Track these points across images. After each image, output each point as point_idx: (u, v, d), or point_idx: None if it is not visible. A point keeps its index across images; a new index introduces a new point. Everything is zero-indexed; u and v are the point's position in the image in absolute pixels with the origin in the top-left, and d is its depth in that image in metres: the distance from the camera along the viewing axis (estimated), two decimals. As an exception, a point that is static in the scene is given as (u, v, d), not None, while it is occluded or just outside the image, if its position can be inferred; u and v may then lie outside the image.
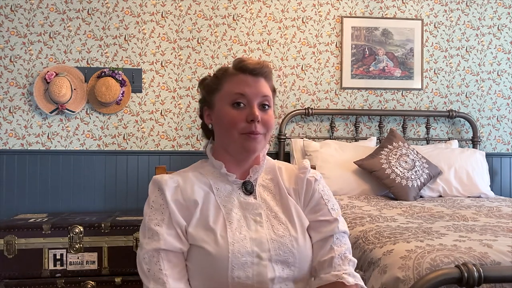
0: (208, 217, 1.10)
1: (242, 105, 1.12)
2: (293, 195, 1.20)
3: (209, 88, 1.18)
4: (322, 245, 1.15)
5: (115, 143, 3.00)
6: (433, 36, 3.28)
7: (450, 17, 3.30)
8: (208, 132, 1.26)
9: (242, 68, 1.14)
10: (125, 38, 3.01)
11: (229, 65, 1.20)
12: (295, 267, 1.10)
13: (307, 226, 1.17)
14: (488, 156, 3.24)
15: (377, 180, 2.71)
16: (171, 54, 3.05)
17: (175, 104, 3.05)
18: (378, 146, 2.91)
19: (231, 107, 1.12)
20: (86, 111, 2.98)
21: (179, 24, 3.06)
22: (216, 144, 1.21)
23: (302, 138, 3.05)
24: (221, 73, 1.18)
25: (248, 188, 1.16)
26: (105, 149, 2.99)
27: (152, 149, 3.03)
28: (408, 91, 3.26)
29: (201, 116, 1.24)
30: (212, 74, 1.22)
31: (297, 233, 1.13)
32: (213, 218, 1.10)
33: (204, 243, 1.06)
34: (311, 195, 1.20)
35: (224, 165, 1.16)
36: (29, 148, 2.92)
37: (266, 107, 1.14)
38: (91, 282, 2.38)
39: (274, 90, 1.21)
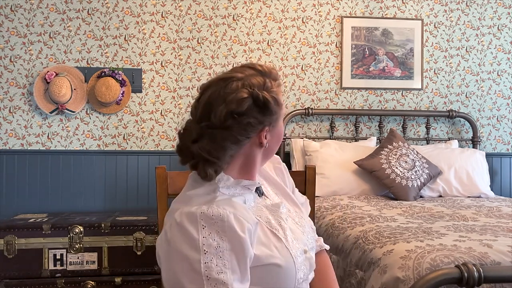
0: (258, 233, 1.03)
1: None
2: (283, 186, 1.27)
3: (279, 105, 1.08)
4: None
5: (115, 143, 3.00)
6: (433, 36, 3.28)
7: (450, 17, 3.30)
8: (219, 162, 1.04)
9: (279, 82, 1.11)
10: (125, 38, 3.01)
11: (262, 76, 1.07)
12: (315, 247, 1.20)
13: None
14: (488, 156, 3.24)
15: (377, 180, 2.71)
16: (171, 54, 3.05)
17: (175, 104, 3.05)
18: (378, 146, 2.91)
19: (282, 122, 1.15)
20: (86, 111, 2.98)
21: (179, 24, 3.06)
22: (242, 163, 1.09)
23: (302, 138, 3.05)
24: (277, 86, 1.09)
25: (261, 191, 1.16)
26: (105, 149, 2.99)
27: (152, 149, 3.03)
28: (408, 91, 3.26)
29: (243, 139, 1.04)
30: (264, 90, 1.05)
31: (307, 218, 1.24)
32: (261, 232, 1.04)
33: (271, 258, 1.00)
34: (291, 181, 1.32)
35: (241, 177, 1.10)
36: (29, 148, 2.92)
37: None
38: (91, 282, 2.39)
39: None
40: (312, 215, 1.44)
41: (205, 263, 0.91)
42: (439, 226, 1.84)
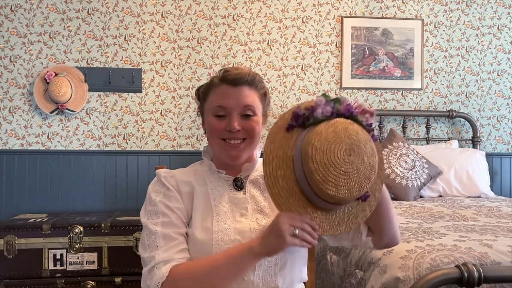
0: (199, 207, 1.17)
1: (223, 115, 1.18)
2: None
3: (200, 97, 1.26)
4: None
5: (115, 143, 3.00)
6: (433, 36, 3.28)
7: (450, 17, 3.30)
8: None
9: (224, 78, 1.19)
10: (125, 38, 3.01)
11: (219, 73, 1.23)
12: (277, 256, 1.12)
13: None
14: (488, 156, 3.24)
15: (377, 180, 2.70)
16: (171, 54, 3.05)
17: (175, 104, 3.05)
18: (378, 146, 2.91)
19: (213, 117, 1.19)
20: (86, 111, 2.97)
21: (179, 24, 3.06)
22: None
23: (302, 138, 3.05)
24: (209, 83, 1.23)
25: (238, 184, 1.23)
26: (105, 149, 2.99)
27: (152, 149, 3.03)
28: (408, 91, 3.26)
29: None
30: (209, 84, 1.25)
31: None
32: (202, 208, 1.17)
33: (195, 228, 1.14)
34: None
35: (218, 163, 1.23)
36: (29, 148, 2.92)
37: (250, 115, 1.18)
38: (91, 282, 2.38)
39: (264, 94, 1.23)
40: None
41: (160, 199, 1.17)
42: (439, 226, 1.84)
